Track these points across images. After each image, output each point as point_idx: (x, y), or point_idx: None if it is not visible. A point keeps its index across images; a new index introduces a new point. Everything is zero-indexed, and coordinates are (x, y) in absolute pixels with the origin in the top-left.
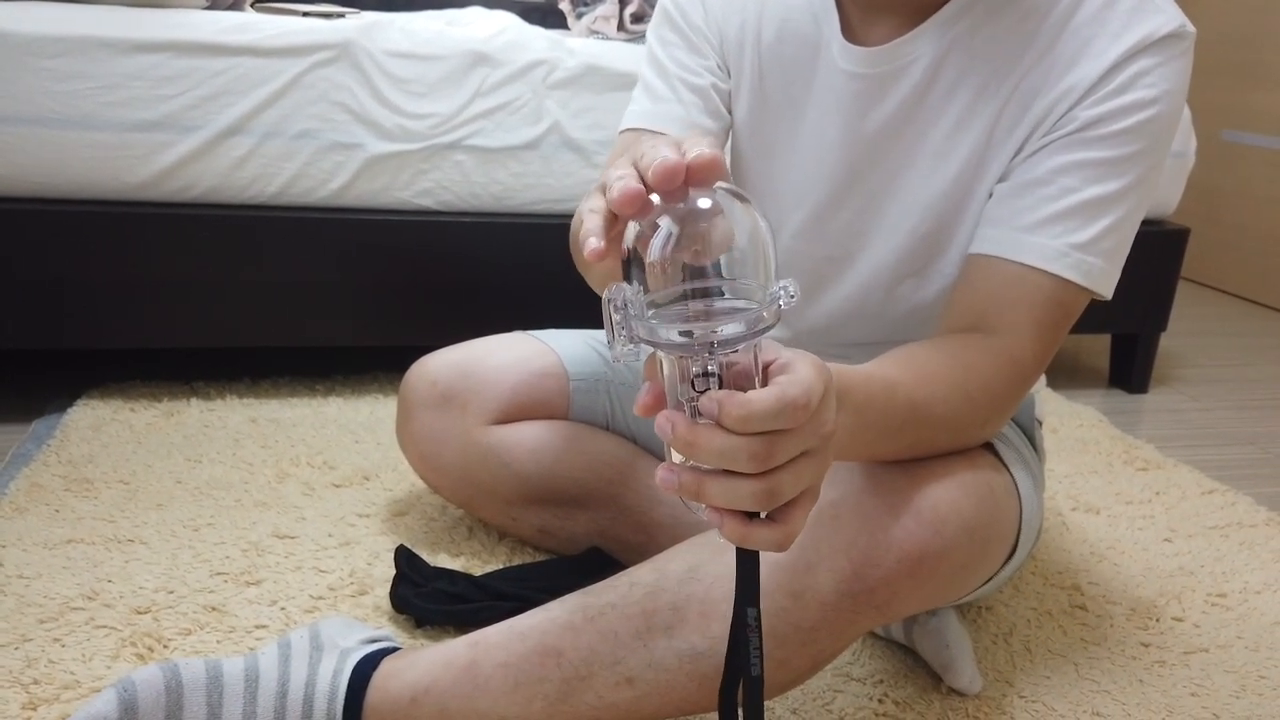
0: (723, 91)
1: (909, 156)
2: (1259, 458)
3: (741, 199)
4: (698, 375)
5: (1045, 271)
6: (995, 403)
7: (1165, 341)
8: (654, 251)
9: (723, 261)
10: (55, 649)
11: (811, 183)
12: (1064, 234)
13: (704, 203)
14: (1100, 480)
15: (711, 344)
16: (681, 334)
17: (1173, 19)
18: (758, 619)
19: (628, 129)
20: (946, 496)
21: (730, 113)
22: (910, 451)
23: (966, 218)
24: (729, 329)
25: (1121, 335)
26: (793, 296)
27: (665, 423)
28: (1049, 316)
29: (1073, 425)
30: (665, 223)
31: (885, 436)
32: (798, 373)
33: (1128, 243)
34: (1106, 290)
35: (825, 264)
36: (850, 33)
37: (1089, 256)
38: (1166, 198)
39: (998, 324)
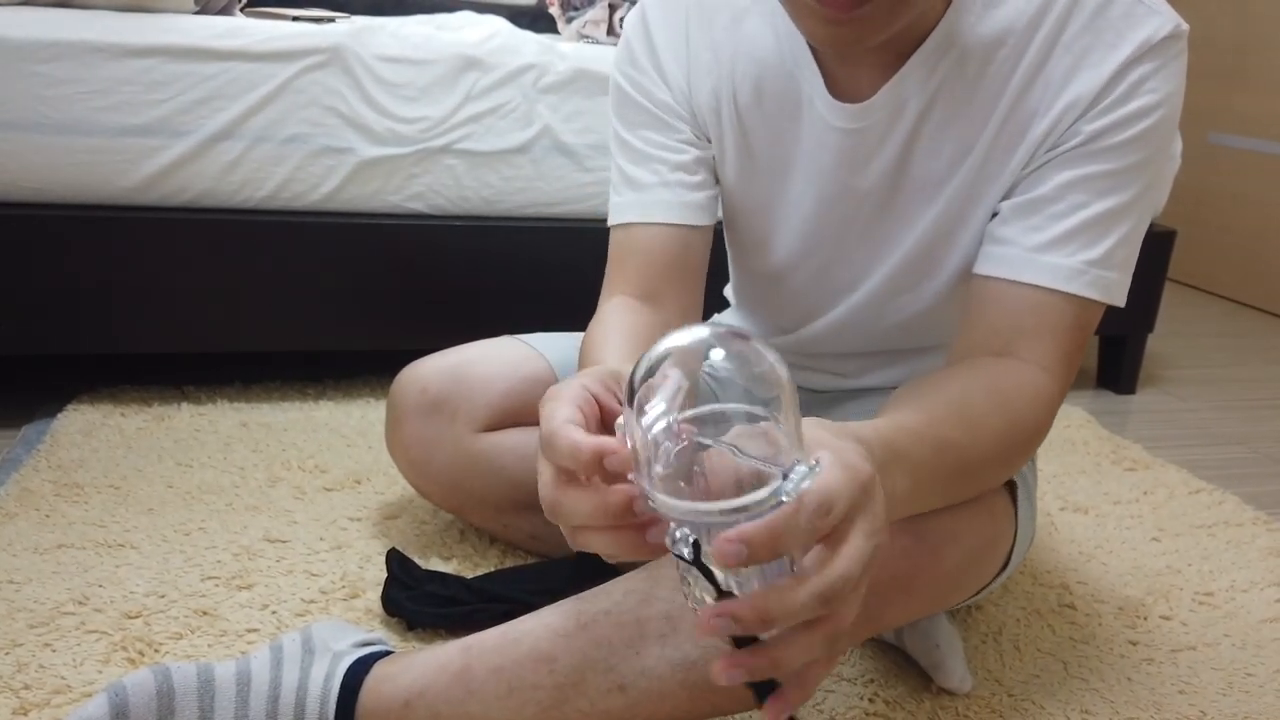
0: (706, 159)
1: (909, 192)
2: (1246, 457)
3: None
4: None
5: (1065, 293)
6: (1032, 445)
7: (1152, 343)
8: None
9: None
10: (46, 654)
11: (814, 239)
12: (1078, 251)
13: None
14: (1088, 480)
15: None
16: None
17: (1168, 20)
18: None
19: (620, 224)
20: (946, 517)
21: (718, 177)
22: (954, 500)
23: (962, 237)
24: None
25: (1109, 336)
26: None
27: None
28: (1073, 342)
29: (1061, 426)
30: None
31: (934, 496)
32: (838, 550)
33: (1137, 249)
34: (1121, 300)
35: (827, 296)
36: (833, 84)
37: (1105, 271)
38: (1155, 202)
39: (1025, 355)
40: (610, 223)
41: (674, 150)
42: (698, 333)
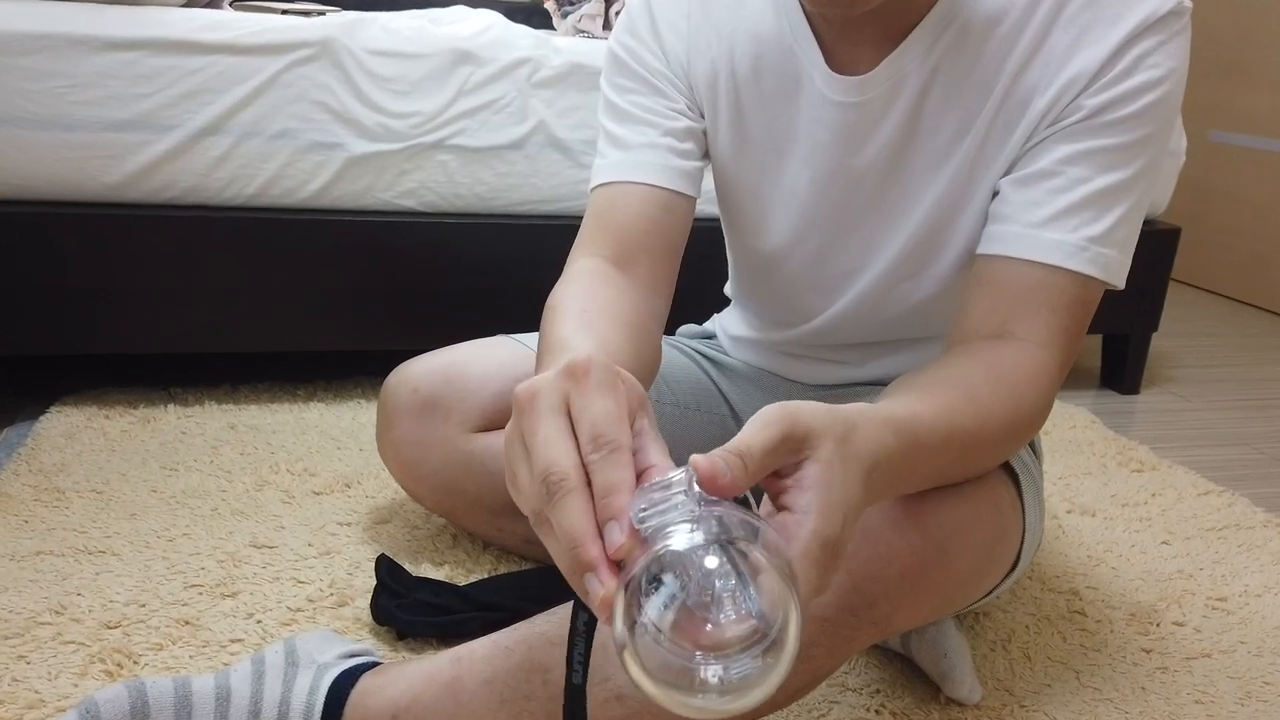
0: (697, 132)
1: (909, 172)
2: (1254, 458)
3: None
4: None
5: (1065, 270)
6: (1036, 425)
7: (1156, 342)
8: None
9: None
10: (20, 666)
11: (809, 221)
12: (1080, 227)
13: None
14: (1095, 482)
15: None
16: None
17: None
18: (587, 624)
19: (602, 184)
20: (953, 512)
21: (709, 151)
22: (955, 480)
23: (963, 220)
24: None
25: (1112, 336)
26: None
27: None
28: (1074, 321)
29: (1065, 427)
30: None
31: (938, 478)
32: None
33: (1137, 230)
34: (1121, 281)
35: (827, 284)
36: (832, 60)
37: (1105, 249)
38: (1158, 197)
39: (1023, 334)
40: (591, 184)
41: (665, 116)
42: (694, 538)
